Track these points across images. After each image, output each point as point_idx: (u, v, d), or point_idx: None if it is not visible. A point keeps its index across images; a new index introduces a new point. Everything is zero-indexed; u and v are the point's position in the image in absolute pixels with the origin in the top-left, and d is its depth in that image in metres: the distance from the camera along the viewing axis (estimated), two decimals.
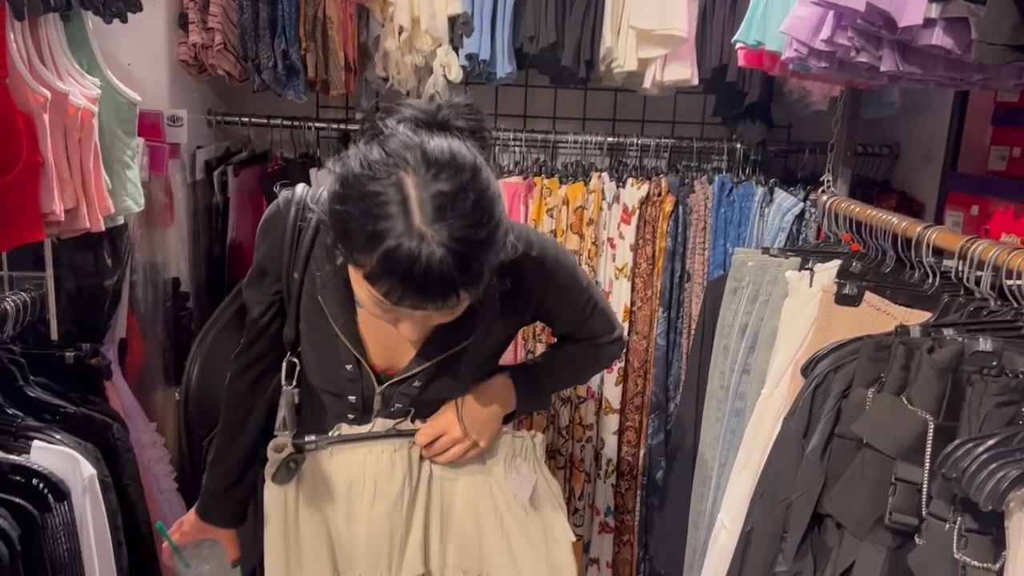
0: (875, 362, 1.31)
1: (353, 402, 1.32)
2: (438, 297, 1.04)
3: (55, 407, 1.55)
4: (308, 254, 1.27)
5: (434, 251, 0.99)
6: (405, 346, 1.29)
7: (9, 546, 1.19)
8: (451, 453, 1.33)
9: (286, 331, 1.35)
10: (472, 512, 1.37)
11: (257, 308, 1.35)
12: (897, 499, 1.21)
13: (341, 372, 1.30)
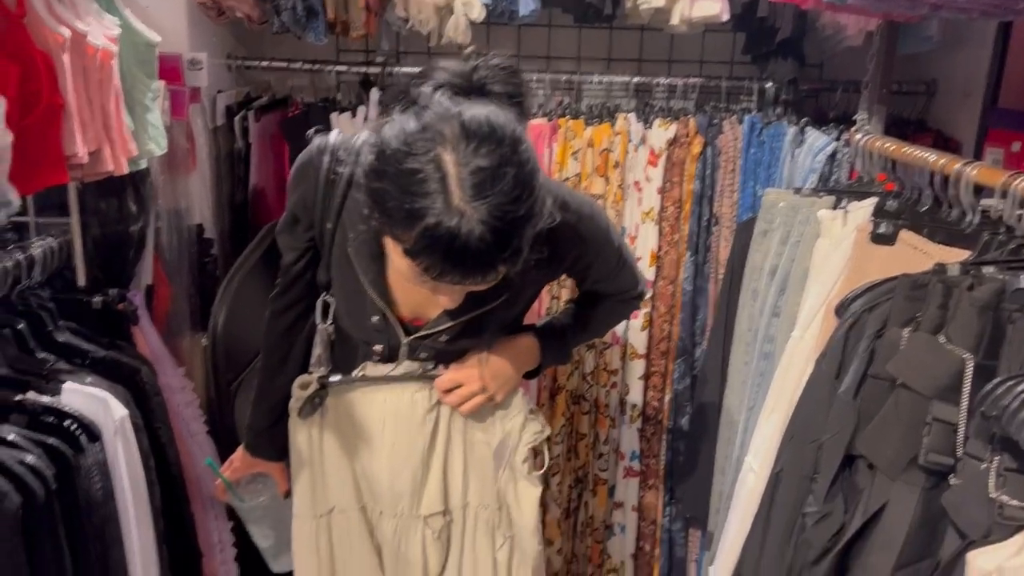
0: (911, 301, 1.29)
1: (380, 351, 1.34)
2: (478, 273, 1.04)
3: (84, 351, 1.56)
4: (341, 205, 1.27)
5: (474, 228, 0.98)
6: (432, 302, 1.29)
7: (44, 484, 1.21)
8: (468, 405, 1.34)
9: (319, 275, 1.36)
10: (490, 452, 1.37)
11: (291, 254, 1.36)
12: (932, 439, 1.19)
13: (368, 323, 1.30)
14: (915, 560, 1.23)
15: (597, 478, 2.31)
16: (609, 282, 1.43)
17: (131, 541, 1.42)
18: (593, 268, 1.37)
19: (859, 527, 1.28)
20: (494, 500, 1.38)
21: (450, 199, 0.98)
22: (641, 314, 2.18)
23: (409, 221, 0.99)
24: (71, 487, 1.28)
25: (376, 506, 1.38)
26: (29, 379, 1.39)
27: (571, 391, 2.29)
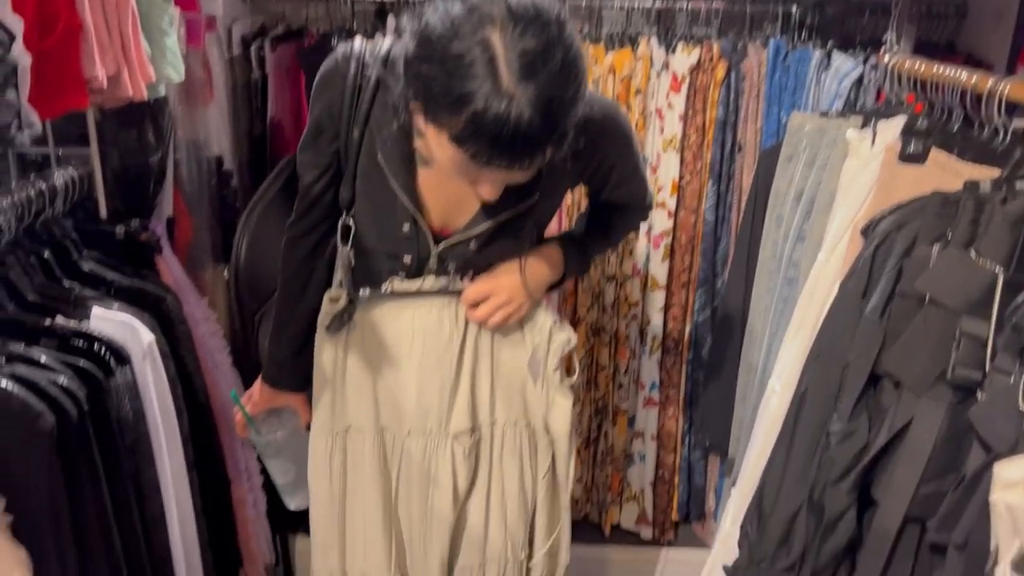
0: (941, 218, 1.27)
1: (408, 262, 1.32)
2: (526, 157, 1.03)
3: (109, 280, 1.57)
4: (368, 111, 1.25)
5: (523, 112, 0.97)
6: (463, 208, 1.28)
7: (77, 405, 1.23)
8: (495, 318, 1.34)
9: (342, 191, 1.34)
10: (518, 367, 1.38)
11: (311, 173, 1.33)
12: (961, 354, 1.18)
13: (398, 232, 1.29)
14: (940, 475, 1.24)
15: (617, 408, 2.32)
16: (625, 188, 1.42)
17: (163, 463, 1.45)
18: (615, 170, 1.36)
19: (883, 444, 1.29)
20: (522, 417, 1.39)
21: (499, 82, 0.96)
22: (662, 244, 2.17)
23: (457, 106, 0.98)
24: (103, 408, 1.30)
25: (402, 426, 1.39)
26: (57, 305, 1.40)
27: (591, 323, 2.29)
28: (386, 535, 1.42)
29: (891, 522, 1.28)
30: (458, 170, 1.09)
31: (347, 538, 1.44)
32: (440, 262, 1.32)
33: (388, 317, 1.36)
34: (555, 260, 1.39)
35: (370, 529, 1.42)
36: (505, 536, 1.41)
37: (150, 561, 1.41)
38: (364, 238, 1.34)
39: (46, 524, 1.21)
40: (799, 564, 1.43)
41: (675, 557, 2.33)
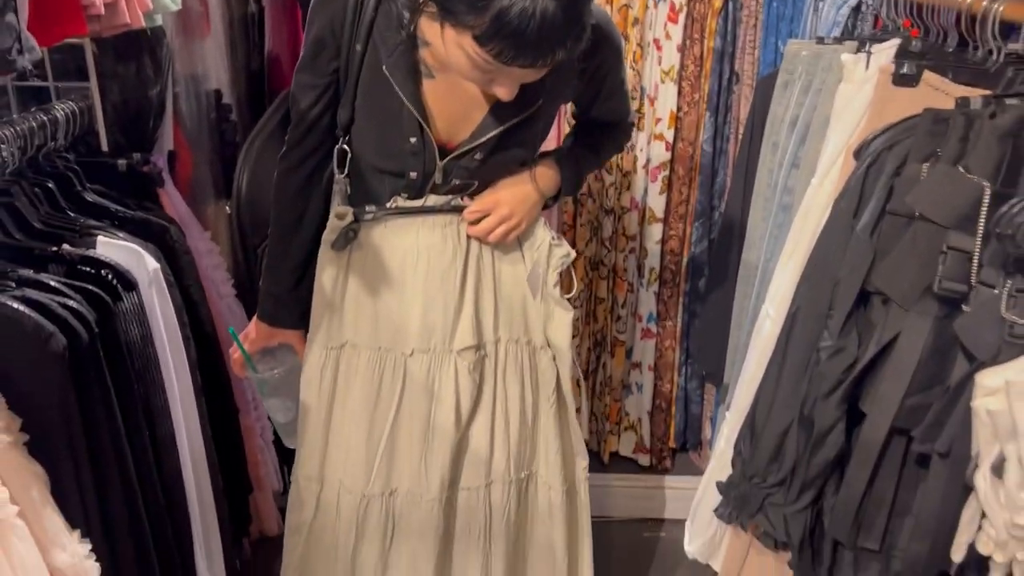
0: (932, 136, 1.29)
1: (414, 178, 1.33)
2: (549, 53, 1.06)
3: (113, 212, 1.59)
4: (371, 24, 1.25)
5: (547, 6, 1.00)
6: (467, 119, 1.30)
7: (87, 327, 1.26)
8: (495, 233, 1.36)
9: (340, 112, 1.34)
10: (518, 285, 1.41)
11: (309, 95, 1.33)
12: (947, 267, 1.21)
13: (404, 146, 1.30)
14: (925, 387, 1.28)
15: (615, 340, 2.37)
16: (615, 101, 1.45)
17: (171, 387, 1.49)
18: (608, 78, 1.39)
19: (872, 358, 1.32)
20: (524, 334, 1.43)
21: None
22: (659, 177, 2.19)
23: (481, 5, 1.01)
24: (112, 332, 1.33)
25: (406, 346, 1.41)
26: (63, 233, 1.43)
27: (589, 257, 2.32)
28: (369, 450, 1.43)
29: (878, 433, 1.32)
30: (475, 73, 1.12)
31: (329, 448, 1.46)
32: (445, 177, 1.33)
33: (392, 237, 1.38)
34: (550, 175, 1.42)
35: (352, 442, 1.44)
36: (508, 456, 1.45)
37: (162, 482, 1.46)
38: (365, 159, 1.35)
39: (61, 442, 1.26)
40: (790, 477, 1.48)
41: (672, 484, 2.40)
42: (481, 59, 1.07)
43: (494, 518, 1.44)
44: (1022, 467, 1.10)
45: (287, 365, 1.55)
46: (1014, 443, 1.10)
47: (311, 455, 1.48)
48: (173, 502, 1.50)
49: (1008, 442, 1.11)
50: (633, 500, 2.39)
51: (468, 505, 1.44)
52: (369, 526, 1.45)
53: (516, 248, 1.42)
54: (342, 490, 1.45)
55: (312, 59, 1.32)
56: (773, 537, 1.56)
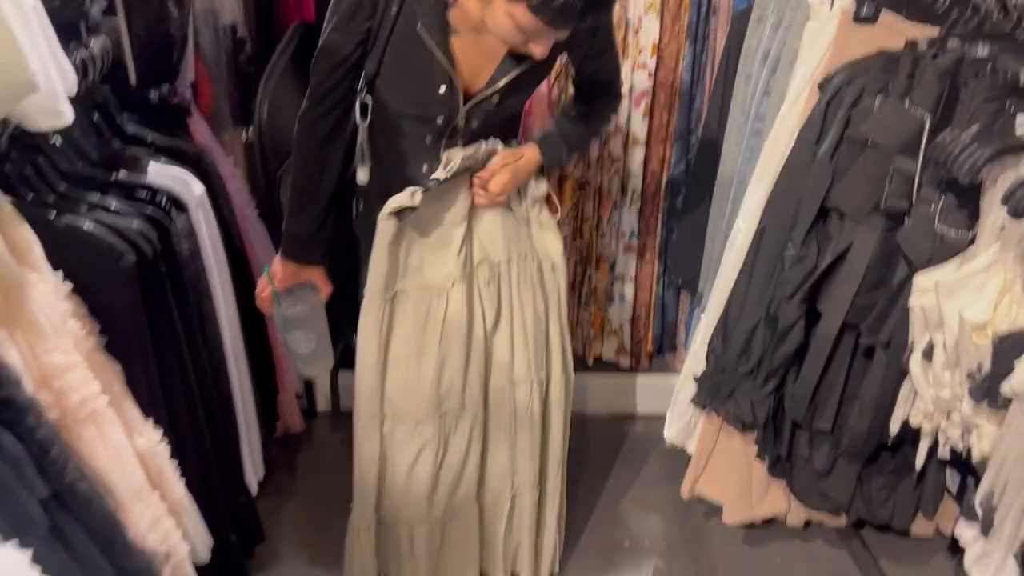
0: (885, 72, 1.49)
1: (439, 124, 1.48)
2: (589, 17, 1.24)
3: (150, 141, 1.73)
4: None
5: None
6: (484, 69, 1.45)
7: (151, 246, 1.43)
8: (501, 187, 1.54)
9: (368, 66, 1.46)
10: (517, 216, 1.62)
11: (341, 52, 1.43)
12: (893, 188, 1.43)
13: (433, 95, 1.45)
14: (873, 288, 1.52)
15: (600, 255, 2.58)
16: (606, 58, 1.60)
17: (217, 296, 1.68)
18: (599, 33, 1.53)
19: (828, 265, 1.55)
20: (530, 251, 1.62)
21: None
22: (642, 103, 2.36)
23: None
24: (170, 248, 1.51)
25: (448, 281, 1.57)
26: (117, 162, 1.58)
27: (577, 179, 2.50)
28: (421, 379, 1.61)
29: (831, 328, 1.56)
30: (517, 36, 1.28)
31: (387, 386, 1.63)
32: (466, 121, 1.50)
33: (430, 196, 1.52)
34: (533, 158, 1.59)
35: (407, 375, 1.61)
36: (528, 360, 1.66)
37: (212, 377, 1.66)
38: (392, 108, 1.48)
39: (132, 345, 1.44)
40: (757, 368, 1.73)
41: (650, 382, 2.64)
42: (527, 24, 1.24)
43: (519, 413, 1.67)
44: (946, 352, 1.35)
45: (310, 302, 1.65)
46: (941, 332, 1.34)
47: (372, 395, 1.63)
48: (222, 395, 1.71)
49: (936, 332, 1.36)
50: (614, 398, 2.64)
51: (496, 401, 1.66)
52: (426, 442, 1.64)
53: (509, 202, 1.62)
54: (400, 420, 1.63)
55: (349, 19, 1.41)
56: (741, 420, 1.82)
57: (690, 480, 2.05)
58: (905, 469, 1.73)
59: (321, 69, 1.46)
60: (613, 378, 2.65)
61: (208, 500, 1.64)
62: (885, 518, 1.75)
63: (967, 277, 1.28)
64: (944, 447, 1.44)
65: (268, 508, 2.15)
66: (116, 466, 1.32)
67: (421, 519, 1.70)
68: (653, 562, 2.07)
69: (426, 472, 1.65)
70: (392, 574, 1.79)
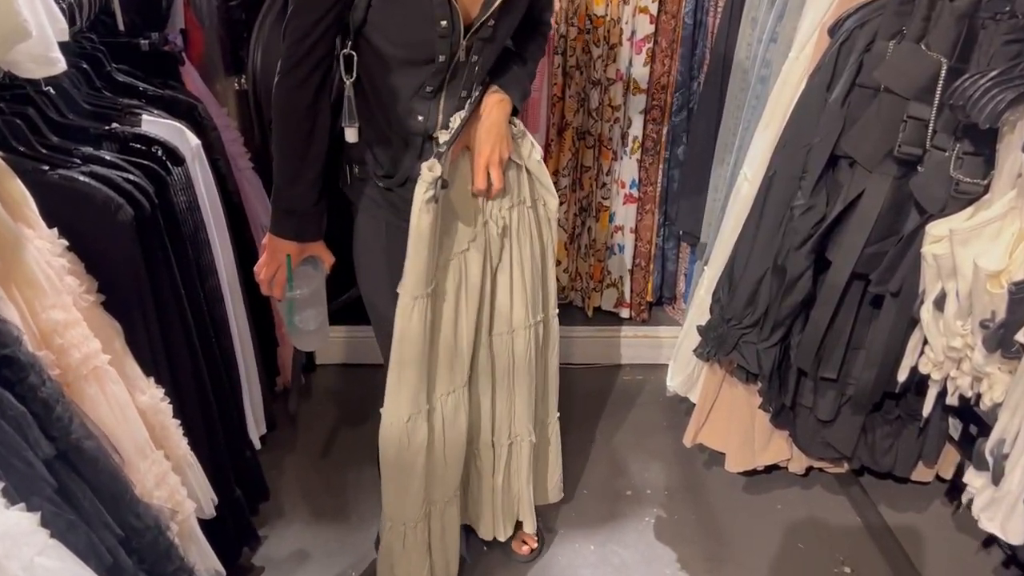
0: (899, 16, 1.45)
1: (441, 62, 1.39)
2: None
3: (142, 91, 1.68)
4: None
5: None
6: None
7: (148, 198, 1.40)
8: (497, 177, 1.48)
9: (354, 14, 1.36)
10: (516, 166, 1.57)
11: (323, 4, 1.32)
12: (907, 134, 1.40)
13: (434, 31, 1.35)
14: (883, 237, 1.50)
15: (600, 205, 2.55)
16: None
17: (215, 249, 1.65)
18: None
19: (838, 214, 1.53)
20: (529, 196, 1.58)
21: None
22: (644, 49, 2.31)
23: None
24: (168, 201, 1.48)
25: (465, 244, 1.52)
26: (110, 112, 1.54)
27: (577, 127, 2.46)
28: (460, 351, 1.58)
29: (840, 277, 1.55)
30: None
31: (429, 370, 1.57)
32: (467, 53, 1.40)
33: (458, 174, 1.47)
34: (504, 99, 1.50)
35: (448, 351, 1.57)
36: (526, 307, 1.64)
37: (214, 331, 1.64)
38: (386, 54, 1.39)
39: (132, 300, 1.42)
40: (763, 319, 1.72)
41: (649, 333, 2.64)
42: None
43: (517, 361, 1.65)
44: (958, 301, 1.34)
45: (316, 280, 1.56)
46: (953, 281, 1.33)
47: (418, 392, 1.55)
48: (224, 350, 1.69)
49: (949, 280, 1.35)
50: (615, 348, 2.64)
51: (497, 350, 1.64)
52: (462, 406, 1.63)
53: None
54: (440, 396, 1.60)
55: None
56: (746, 370, 1.81)
57: (693, 430, 2.05)
58: (909, 417, 1.74)
59: (299, 27, 1.35)
60: (613, 330, 2.64)
61: (212, 456, 1.64)
62: (888, 466, 1.77)
63: (982, 225, 1.27)
64: (952, 395, 1.44)
65: (271, 462, 2.15)
66: (120, 423, 1.31)
67: (453, 493, 1.69)
68: (655, 510, 2.09)
69: (462, 441, 1.62)
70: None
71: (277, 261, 1.50)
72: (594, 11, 2.28)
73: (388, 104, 1.45)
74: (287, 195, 1.46)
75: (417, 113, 1.44)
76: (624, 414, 2.45)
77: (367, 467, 1.81)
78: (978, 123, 1.18)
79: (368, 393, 1.66)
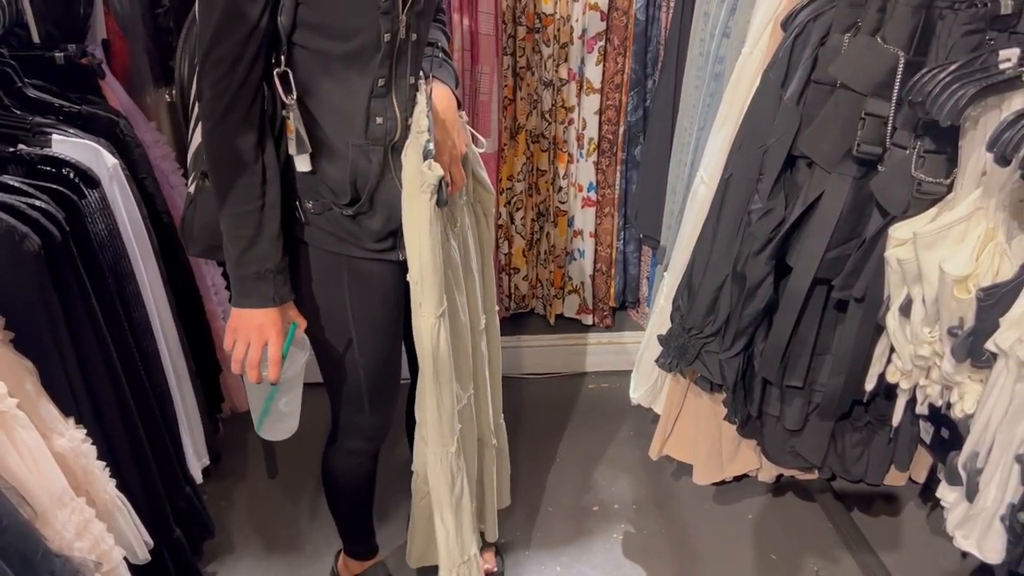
0: (853, 8, 1.37)
1: (386, 43, 1.23)
2: None
3: (58, 107, 1.58)
4: None
5: None
6: None
7: (58, 226, 1.29)
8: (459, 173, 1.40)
9: (282, 18, 1.20)
10: None
11: (250, 15, 1.16)
12: (865, 132, 1.33)
13: (375, 7, 1.20)
14: (845, 240, 1.43)
15: (557, 210, 2.47)
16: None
17: (141, 277, 1.54)
18: None
19: (797, 217, 1.46)
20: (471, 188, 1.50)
21: None
22: (595, 47, 2.23)
23: None
24: (81, 228, 1.37)
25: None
26: (16, 133, 1.43)
27: (530, 130, 2.38)
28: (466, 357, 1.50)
29: (802, 283, 1.48)
30: None
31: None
32: (407, 31, 1.26)
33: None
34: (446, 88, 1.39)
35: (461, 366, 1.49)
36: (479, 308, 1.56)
37: (143, 366, 1.54)
38: (328, 54, 1.24)
39: (45, 337, 1.31)
40: (724, 328, 1.64)
41: (613, 339, 2.57)
42: None
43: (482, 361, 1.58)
44: (925, 307, 1.27)
45: (299, 360, 1.37)
46: (919, 286, 1.26)
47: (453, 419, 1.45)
48: (155, 383, 1.58)
49: (914, 285, 1.28)
50: (579, 356, 2.56)
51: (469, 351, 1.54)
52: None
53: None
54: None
55: None
56: (709, 381, 1.74)
57: (658, 442, 1.98)
58: (879, 423, 1.67)
59: (223, 56, 1.16)
60: (576, 337, 2.57)
61: (147, 496, 1.54)
62: (859, 474, 1.70)
63: (946, 227, 1.20)
64: (922, 404, 1.37)
65: (220, 492, 2.06)
66: (32, 472, 1.21)
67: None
68: (623, 526, 2.02)
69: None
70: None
71: (259, 339, 1.29)
72: (542, 9, 2.20)
73: (342, 116, 1.28)
74: (252, 258, 1.26)
75: (376, 115, 1.28)
76: (590, 425, 2.37)
77: (320, 494, 1.72)
78: (939, 120, 1.11)
79: (320, 415, 1.57)
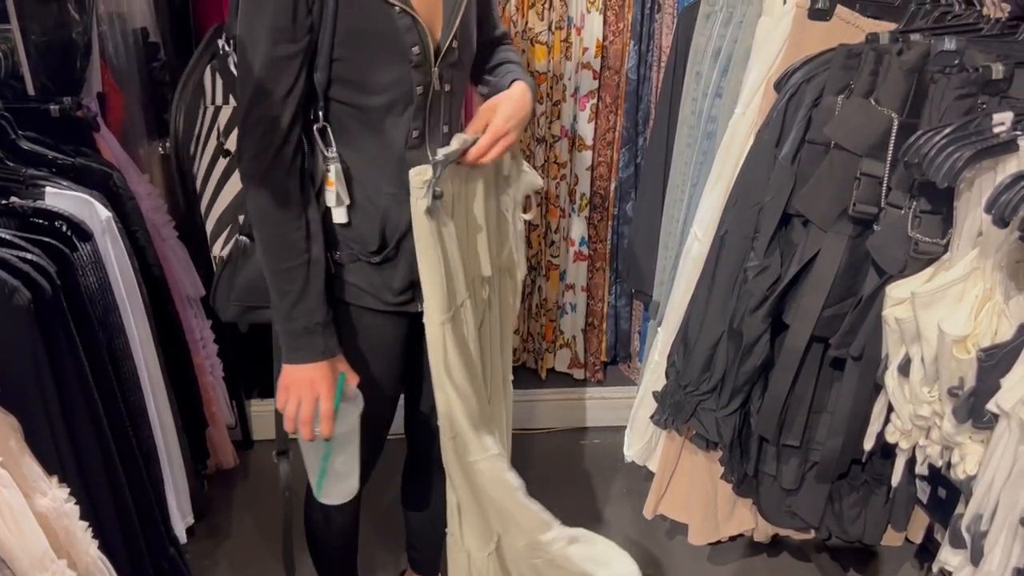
0: (846, 70, 1.40)
1: (419, 94, 1.24)
2: None
3: (51, 159, 1.57)
4: None
5: None
6: (434, 9, 1.25)
7: (49, 280, 1.27)
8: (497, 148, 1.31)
9: (318, 75, 1.22)
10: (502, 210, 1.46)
11: (290, 73, 1.17)
12: (860, 192, 1.34)
13: (407, 62, 1.22)
14: (841, 299, 1.43)
15: (550, 264, 2.47)
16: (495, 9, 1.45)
17: (131, 331, 1.52)
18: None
19: (793, 275, 1.46)
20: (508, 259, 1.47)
21: None
22: (588, 105, 2.26)
23: None
24: (72, 282, 1.34)
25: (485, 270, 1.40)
26: (9, 185, 1.41)
27: None
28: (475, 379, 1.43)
29: (799, 341, 1.47)
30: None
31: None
32: (440, 82, 1.27)
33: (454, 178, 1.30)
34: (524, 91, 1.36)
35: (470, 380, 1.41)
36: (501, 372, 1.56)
37: (130, 422, 1.50)
38: (364, 108, 1.25)
39: (32, 392, 1.28)
40: (720, 385, 1.63)
41: (605, 394, 2.55)
42: None
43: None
44: (924, 367, 1.26)
45: (352, 415, 1.33)
46: (918, 346, 1.26)
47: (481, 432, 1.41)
48: (141, 440, 1.55)
49: (913, 345, 1.27)
50: (570, 411, 2.53)
51: None
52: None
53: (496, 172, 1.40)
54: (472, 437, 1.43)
55: (292, 22, 1.14)
56: (705, 439, 1.72)
57: (653, 501, 1.95)
58: (875, 482, 1.65)
59: (263, 116, 1.18)
60: (568, 392, 2.55)
61: (130, 558, 1.49)
62: (857, 535, 1.68)
63: (944, 287, 1.20)
64: (922, 464, 1.36)
65: (204, 551, 2.00)
66: (13, 534, 1.17)
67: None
68: None
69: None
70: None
71: (311, 395, 1.28)
72: (536, 67, 2.23)
73: (378, 166, 1.29)
74: (301, 313, 1.26)
75: (410, 165, 1.26)
76: (582, 482, 2.34)
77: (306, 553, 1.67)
78: (936, 182, 1.12)
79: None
